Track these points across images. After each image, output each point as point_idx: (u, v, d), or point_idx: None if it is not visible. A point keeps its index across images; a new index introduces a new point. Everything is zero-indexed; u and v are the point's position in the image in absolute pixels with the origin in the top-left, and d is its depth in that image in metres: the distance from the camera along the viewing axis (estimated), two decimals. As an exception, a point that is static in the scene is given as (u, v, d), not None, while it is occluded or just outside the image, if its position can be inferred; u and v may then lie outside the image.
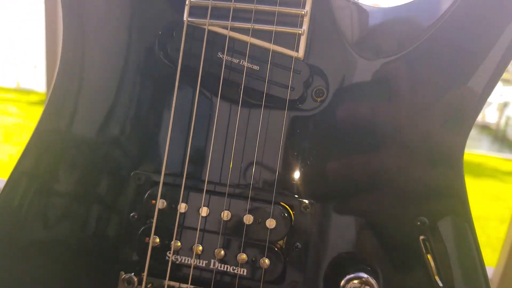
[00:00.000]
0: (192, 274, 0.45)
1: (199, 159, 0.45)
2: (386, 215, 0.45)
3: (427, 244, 0.44)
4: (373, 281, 0.43)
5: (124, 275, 0.47)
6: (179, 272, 0.46)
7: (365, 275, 0.43)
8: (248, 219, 0.44)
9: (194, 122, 0.45)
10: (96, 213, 0.48)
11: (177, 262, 0.45)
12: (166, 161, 0.45)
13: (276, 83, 0.43)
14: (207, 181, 0.45)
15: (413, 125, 0.43)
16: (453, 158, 0.44)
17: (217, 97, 0.44)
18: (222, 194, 0.44)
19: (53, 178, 0.48)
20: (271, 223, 0.44)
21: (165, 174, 0.45)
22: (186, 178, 0.45)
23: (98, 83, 0.48)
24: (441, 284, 0.44)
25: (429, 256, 0.45)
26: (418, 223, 0.44)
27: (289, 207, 0.45)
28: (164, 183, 0.45)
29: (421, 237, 0.44)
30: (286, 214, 0.44)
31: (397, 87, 0.43)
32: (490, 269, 1.54)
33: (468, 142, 0.43)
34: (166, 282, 0.46)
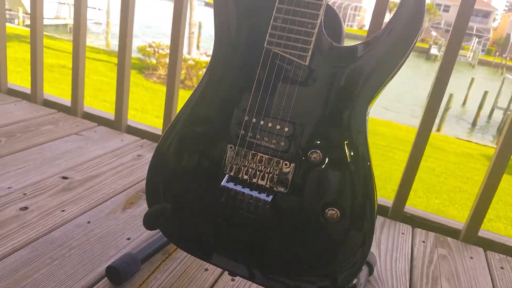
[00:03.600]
0: (256, 144, 1.20)
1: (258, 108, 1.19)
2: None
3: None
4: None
5: (230, 146, 1.23)
6: (250, 147, 1.21)
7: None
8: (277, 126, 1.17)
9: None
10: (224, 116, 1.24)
11: (248, 139, 1.20)
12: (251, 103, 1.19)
13: None
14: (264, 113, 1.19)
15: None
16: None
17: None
18: (269, 117, 1.18)
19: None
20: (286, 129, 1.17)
21: (247, 111, 1.19)
22: (249, 110, 1.19)
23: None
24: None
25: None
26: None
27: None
28: (247, 113, 1.19)
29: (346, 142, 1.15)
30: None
31: None
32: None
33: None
34: (245, 148, 1.21)
